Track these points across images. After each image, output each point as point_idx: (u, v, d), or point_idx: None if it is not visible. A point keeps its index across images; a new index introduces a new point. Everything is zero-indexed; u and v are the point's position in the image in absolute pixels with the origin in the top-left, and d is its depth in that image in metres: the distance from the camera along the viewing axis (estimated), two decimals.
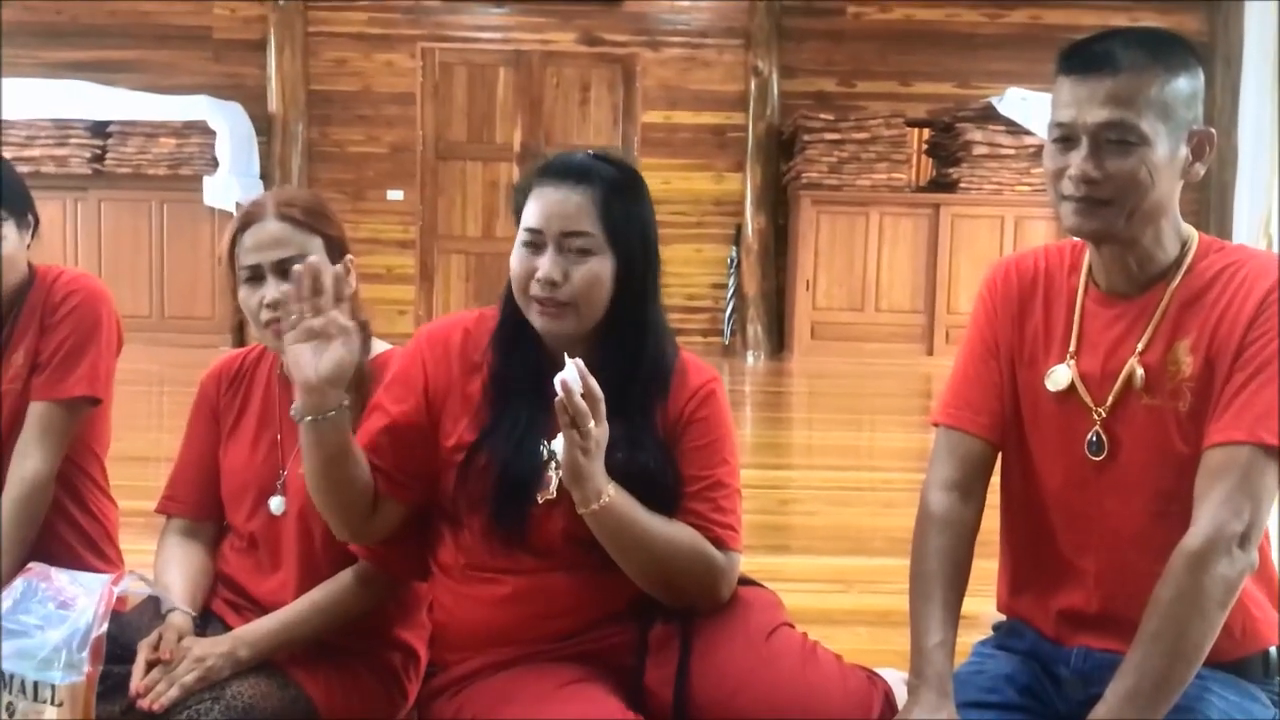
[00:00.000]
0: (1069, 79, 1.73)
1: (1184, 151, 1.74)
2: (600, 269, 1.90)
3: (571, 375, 1.74)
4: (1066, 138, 1.74)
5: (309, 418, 1.83)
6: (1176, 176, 1.75)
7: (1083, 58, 1.72)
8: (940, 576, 1.84)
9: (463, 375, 1.98)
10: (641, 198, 1.97)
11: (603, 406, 1.77)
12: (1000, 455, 1.93)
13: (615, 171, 1.94)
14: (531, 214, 1.92)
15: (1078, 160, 1.71)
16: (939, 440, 1.94)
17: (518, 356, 1.95)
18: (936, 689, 1.74)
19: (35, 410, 2.36)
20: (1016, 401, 1.90)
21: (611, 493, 1.81)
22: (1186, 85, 1.72)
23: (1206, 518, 1.65)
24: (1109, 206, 1.72)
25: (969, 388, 1.93)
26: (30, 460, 2.32)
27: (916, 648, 1.80)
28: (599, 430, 1.77)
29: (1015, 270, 1.94)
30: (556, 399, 1.74)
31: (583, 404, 1.74)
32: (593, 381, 1.76)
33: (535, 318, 1.91)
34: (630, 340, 1.95)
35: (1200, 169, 1.77)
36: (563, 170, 1.93)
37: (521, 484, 1.89)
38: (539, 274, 1.88)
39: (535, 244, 1.91)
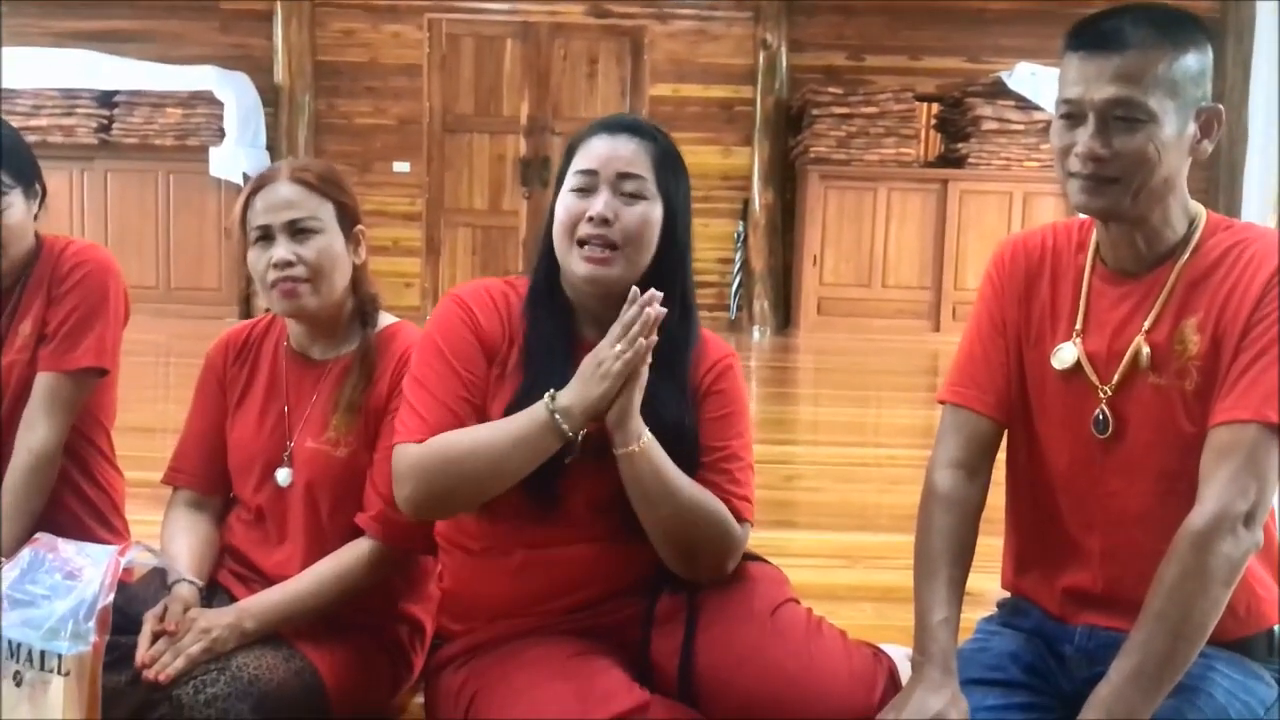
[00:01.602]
0: (1077, 55, 1.72)
1: (1192, 129, 1.73)
2: (651, 213, 1.93)
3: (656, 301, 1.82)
4: (1074, 114, 1.73)
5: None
6: (1184, 154, 1.74)
7: (1091, 34, 1.72)
8: (945, 554, 1.84)
9: (508, 339, 1.98)
10: (684, 165, 2.03)
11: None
12: (1006, 433, 1.93)
13: (664, 135, 2.01)
14: (585, 158, 1.94)
15: (1085, 137, 1.71)
16: (945, 419, 1.94)
17: (548, 321, 1.95)
18: (940, 666, 1.75)
19: (43, 381, 2.36)
20: (1023, 380, 1.90)
21: (649, 436, 1.85)
22: (1195, 62, 1.71)
23: (1212, 497, 1.64)
24: (1116, 184, 1.71)
25: (975, 366, 1.93)
26: (38, 431, 2.33)
27: (921, 625, 1.81)
28: (645, 370, 1.83)
29: (1023, 248, 1.93)
30: (629, 313, 1.80)
31: (654, 315, 1.80)
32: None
33: (580, 265, 1.91)
34: (667, 303, 1.96)
35: (1208, 146, 1.76)
36: (616, 124, 1.98)
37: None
38: (591, 211, 1.90)
39: (587, 187, 1.93)
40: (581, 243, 1.91)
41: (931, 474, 1.92)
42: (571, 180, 1.94)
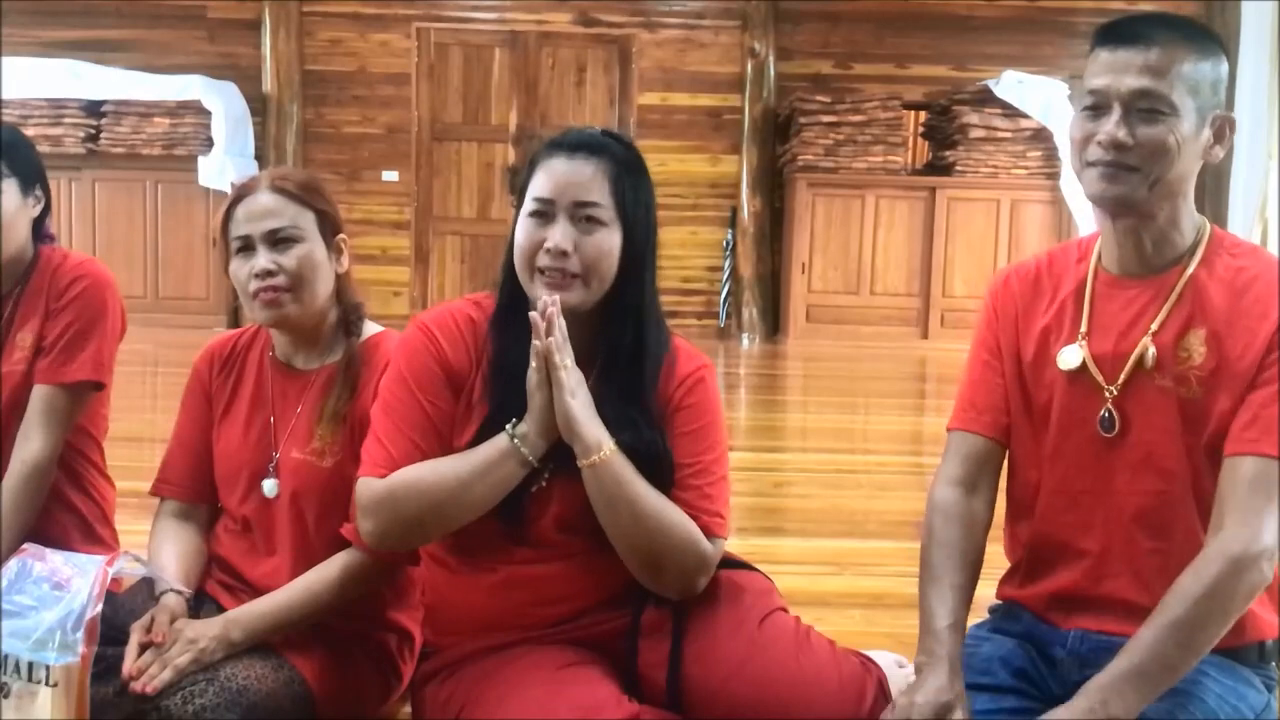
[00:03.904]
0: (1105, 49, 1.78)
1: (1207, 133, 1.79)
2: (610, 241, 1.91)
3: (555, 303, 1.82)
4: (1098, 105, 1.78)
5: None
6: (1198, 155, 1.79)
7: (1120, 31, 1.78)
8: (948, 562, 1.86)
9: (474, 364, 1.97)
10: (646, 177, 1.99)
11: (569, 349, 1.83)
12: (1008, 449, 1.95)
13: (624, 149, 1.97)
14: (541, 185, 1.92)
15: (1108, 126, 1.76)
16: (948, 444, 1.99)
17: (512, 345, 1.93)
18: (948, 665, 1.75)
19: (39, 394, 2.37)
20: (1023, 396, 1.91)
21: (612, 446, 1.84)
22: (1212, 70, 1.78)
23: (1250, 526, 1.67)
24: (1135, 173, 1.76)
25: (974, 391, 1.97)
26: (33, 443, 2.33)
27: (926, 629, 1.82)
28: (574, 374, 1.84)
29: (1015, 275, 1.99)
30: (535, 341, 1.81)
31: (560, 334, 1.81)
32: (561, 323, 1.82)
33: (540, 289, 1.89)
34: (629, 321, 1.95)
35: (1220, 152, 1.82)
36: (575, 144, 1.94)
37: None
38: (549, 244, 1.88)
39: (544, 214, 1.91)
40: (541, 272, 1.90)
41: (932, 492, 1.95)
42: (529, 206, 1.92)
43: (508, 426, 1.86)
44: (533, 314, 1.84)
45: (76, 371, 2.38)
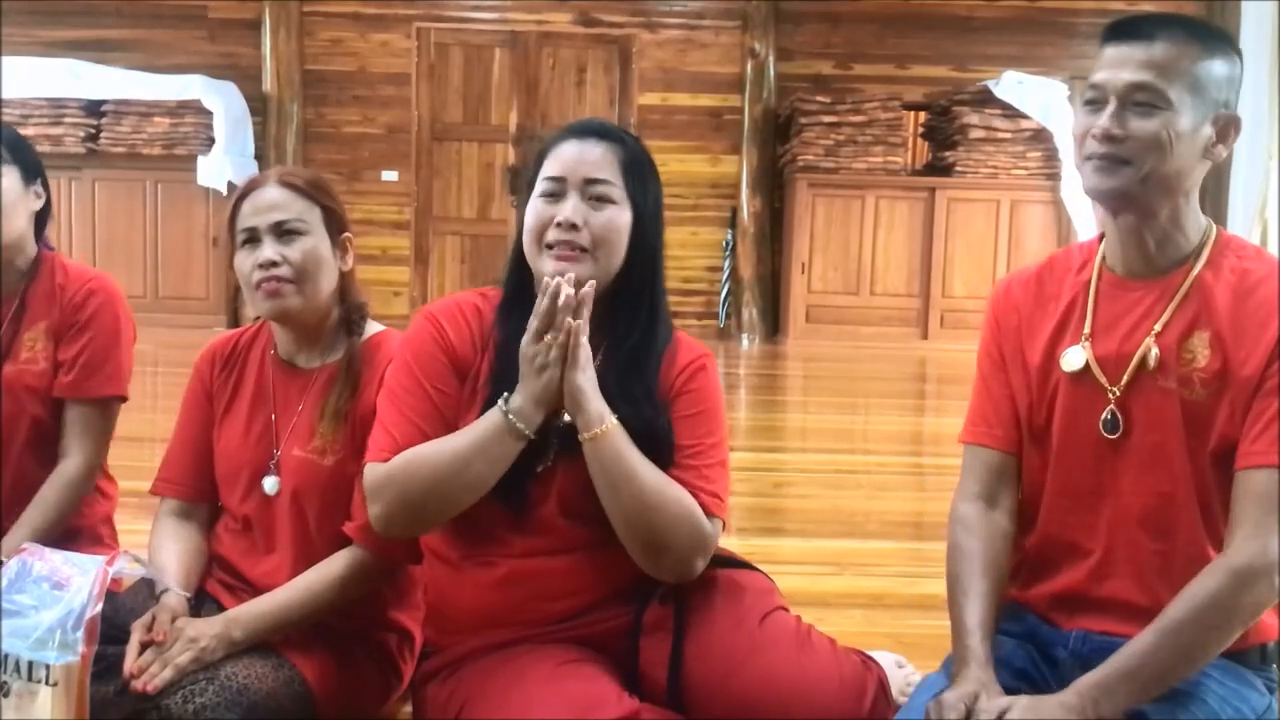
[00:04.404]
0: (1109, 45, 1.80)
1: (1209, 130, 1.78)
2: (620, 218, 1.94)
3: (571, 280, 1.84)
4: (1096, 100, 1.79)
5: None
6: (1198, 153, 1.79)
7: (1125, 28, 1.79)
8: (973, 572, 1.87)
9: (479, 353, 1.98)
10: (655, 172, 2.03)
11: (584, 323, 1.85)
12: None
13: (634, 141, 2.02)
14: (553, 165, 1.95)
15: (1102, 120, 1.76)
16: (964, 458, 1.99)
17: (519, 329, 1.93)
18: (976, 664, 1.75)
19: (72, 411, 2.46)
20: (1029, 401, 1.91)
21: (614, 420, 1.85)
22: (1221, 69, 1.78)
23: (1258, 540, 1.67)
24: (1127, 166, 1.76)
25: (983, 404, 1.97)
26: (71, 459, 2.44)
27: (955, 636, 1.82)
28: (585, 350, 1.85)
29: (1016, 283, 1.99)
30: (543, 304, 1.83)
31: (571, 295, 1.83)
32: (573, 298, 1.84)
33: (550, 265, 1.91)
34: (636, 312, 1.97)
35: (1223, 152, 1.82)
36: (584, 129, 1.99)
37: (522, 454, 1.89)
38: (559, 217, 1.91)
39: (556, 192, 1.94)
40: (550, 247, 1.92)
41: (953, 509, 1.96)
42: (540, 186, 1.96)
43: (499, 401, 1.87)
44: (559, 279, 1.84)
45: (102, 387, 2.49)
